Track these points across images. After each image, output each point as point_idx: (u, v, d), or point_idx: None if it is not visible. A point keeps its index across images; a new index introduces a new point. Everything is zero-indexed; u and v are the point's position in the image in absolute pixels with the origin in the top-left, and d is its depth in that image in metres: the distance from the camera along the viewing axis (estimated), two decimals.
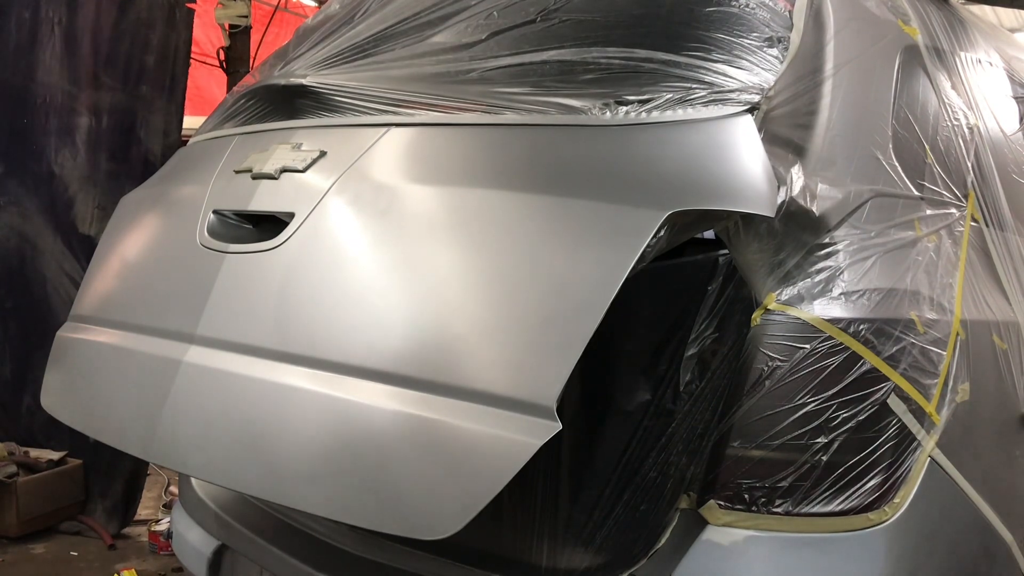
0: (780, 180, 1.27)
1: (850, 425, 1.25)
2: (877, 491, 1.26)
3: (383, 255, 1.37)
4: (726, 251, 1.33)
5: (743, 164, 1.26)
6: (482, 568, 1.47)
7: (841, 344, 1.26)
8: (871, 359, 1.27)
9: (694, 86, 1.33)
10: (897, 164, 1.50)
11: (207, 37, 5.31)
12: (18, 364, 3.86)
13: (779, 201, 1.26)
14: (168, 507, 3.97)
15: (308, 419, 1.29)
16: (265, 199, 1.53)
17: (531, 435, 1.11)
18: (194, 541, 1.95)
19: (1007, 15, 7.80)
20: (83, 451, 3.77)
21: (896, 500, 1.28)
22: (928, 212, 1.52)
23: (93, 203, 3.83)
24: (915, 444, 1.30)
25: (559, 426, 1.10)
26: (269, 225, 1.50)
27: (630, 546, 1.33)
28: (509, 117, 1.40)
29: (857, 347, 1.27)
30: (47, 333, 2.04)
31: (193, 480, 2.03)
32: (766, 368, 1.26)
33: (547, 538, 1.43)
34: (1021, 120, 2.07)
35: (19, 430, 3.86)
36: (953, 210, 1.58)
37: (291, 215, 1.46)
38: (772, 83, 1.35)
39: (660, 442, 1.34)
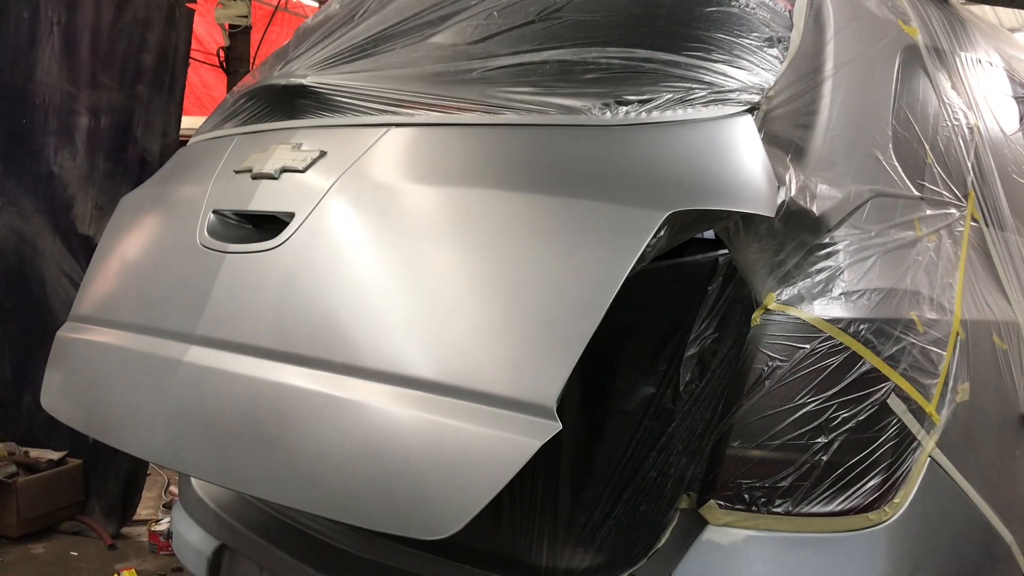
0: (780, 180, 1.27)
1: (850, 425, 1.25)
2: (877, 491, 1.26)
3: (383, 255, 1.37)
4: (726, 251, 1.33)
5: (743, 164, 1.26)
6: (482, 568, 1.47)
7: (841, 344, 1.26)
8: (871, 359, 1.27)
9: (694, 86, 1.33)
10: (897, 164, 1.50)
11: (211, 36, 5.31)
12: (18, 364, 3.86)
13: (779, 201, 1.26)
14: (168, 507, 3.97)
15: (308, 419, 1.29)
16: (265, 199, 1.53)
17: (531, 435, 1.11)
18: (194, 541, 1.95)
19: (1007, 15, 7.81)
20: (83, 451, 3.77)
21: (896, 500, 1.28)
22: (928, 212, 1.52)
23: (92, 203, 3.82)
24: (915, 444, 1.30)
25: (559, 426, 1.10)
26: (269, 225, 1.50)
27: (630, 546, 1.33)
28: (509, 117, 1.40)
29: (857, 347, 1.27)
30: (47, 333, 2.04)
31: (193, 480, 2.03)
32: (766, 368, 1.26)
33: (547, 538, 1.43)
34: (1021, 120, 2.07)
35: (19, 430, 3.86)
36: (953, 210, 1.58)
37: (291, 215, 1.45)
38: (772, 83, 1.34)
39: (660, 442, 1.34)
